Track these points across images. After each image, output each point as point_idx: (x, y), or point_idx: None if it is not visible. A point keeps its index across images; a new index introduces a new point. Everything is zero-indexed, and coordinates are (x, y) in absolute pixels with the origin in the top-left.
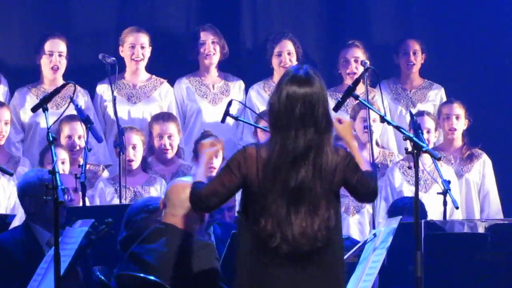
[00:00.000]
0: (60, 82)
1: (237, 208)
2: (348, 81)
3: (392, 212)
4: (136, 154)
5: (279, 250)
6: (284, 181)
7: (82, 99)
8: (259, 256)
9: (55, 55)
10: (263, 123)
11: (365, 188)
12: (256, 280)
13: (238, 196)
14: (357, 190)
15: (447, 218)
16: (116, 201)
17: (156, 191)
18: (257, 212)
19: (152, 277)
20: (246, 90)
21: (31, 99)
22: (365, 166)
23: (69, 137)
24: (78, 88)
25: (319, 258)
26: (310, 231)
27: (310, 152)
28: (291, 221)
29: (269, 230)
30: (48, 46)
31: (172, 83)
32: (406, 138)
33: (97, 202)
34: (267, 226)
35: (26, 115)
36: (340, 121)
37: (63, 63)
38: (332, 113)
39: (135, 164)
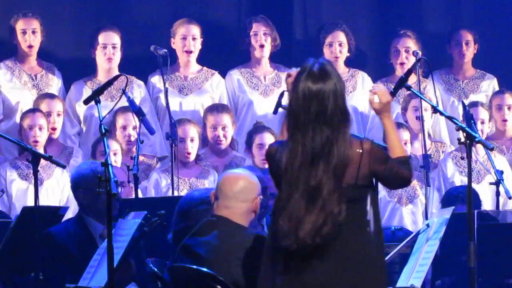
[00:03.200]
0: (115, 74)
1: None
2: (399, 71)
3: (445, 201)
4: (193, 147)
5: (289, 248)
6: (306, 181)
7: (138, 90)
8: (273, 254)
9: (109, 47)
10: None
11: (396, 177)
12: (269, 277)
13: None
14: (386, 180)
15: (500, 208)
16: (171, 193)
17: (210, 183)
18: (278, 211)
19: (205, 269)
20: None
21: (87, 92)
22: (398, 149)
23: (124, 127)
24: (134, 79)
25: (327, 253)
26: (319, 227)
27: (325, 150)
28: (304, 220)
29: (285, 229)
30: (102, 38)
31: (223, 75)
32: (459, 128)
33: (152, 194)
34: (284, 225)
35: (82, 108)
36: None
37: (117, 55)
38: (366, 89)
39: (192, 157)
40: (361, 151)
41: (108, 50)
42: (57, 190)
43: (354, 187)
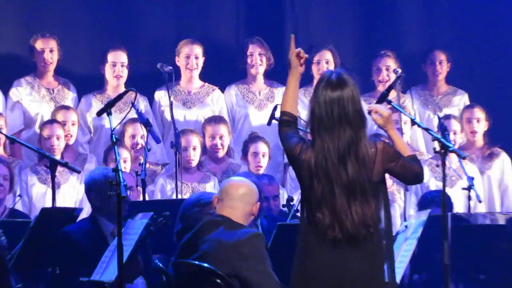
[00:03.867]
0: (122, 89)
1: (284, 198)
2: (380, 88)
3: (421, 204)
4: (195, 154)
5: (335, 238)
6: (338, 177)
7: (142, 104)
8: (317, 242)
9: (117, 65)
10: None
11: (409, 172)
12: (314, 259)
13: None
14: (402, 175)
15: (471, 211)
16: (175, 196)
17: (211, 187)
18: (313, 206)
19: (206, 265)
20: None
21: (96, 104)
22: (407, 151)
23: (133, 136)
24: (138, 94)
25: (365, 241)
26: (365, 218)
27: (351, 148)
28: (349, 212)
29: (327, 222)
30: (111, 57)
31: (222, 90)
32: (434, 139)
33: (158, 197)
34: (325, 218)
35: (92, 119)
36: (379, 114)
37: (125, 72)
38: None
39: (194, 163)
40: (375, 150)
41: (117, 68)
42: (72, 193)
43: (369, 183)
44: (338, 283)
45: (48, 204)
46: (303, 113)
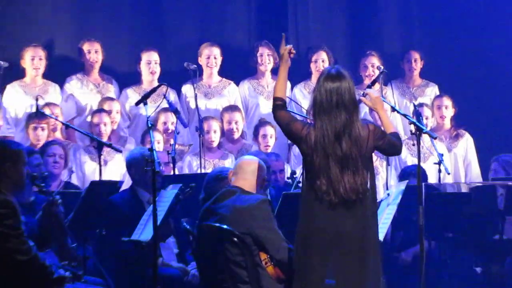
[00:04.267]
0: (155, 83)
1: (289, 172)
2: (367, 81)
3: (401, 176)
4: (216, 137)
5: (331, 201)
6: (333, 152)
7: (172, 95)
8: (316, 204)
9: (152, 63)
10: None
11: (392, 147)
12: (315, 219)
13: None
14: (386, 151)
15: (441, 181)
16: (199, 171)
17: (229, 163)
18: (313, 175)
19: (225, 226)
20: (292, 89)
21: (134, 96)
22: (391, 128)
23: (165, 123)
24: (169, 88)
25: (356, 205)
26: (356, 186)
27: (345, 128)
28: (341, 180)
29: (324, 188)
30: (145, 56)
31: (237, 83)
32: (411, 123)
33: (186, 171)
34: (322, 185)
35: (130, 108)
36: (367, 96)
37: (157, 69)
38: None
39: (215, 144)
40: (367, 131)
41: (152, 65)
42: (118, 168)
43: (361, 157)
44: (335, 238)
45: (98, 178)
46: (304, 103)
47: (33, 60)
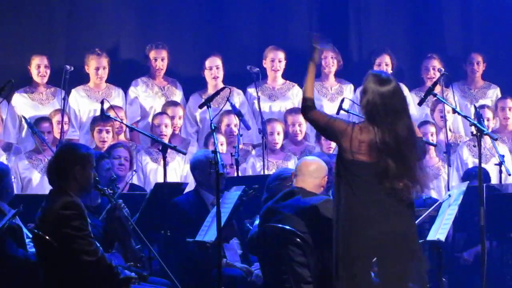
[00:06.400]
0: (220, 86)
1: None
2: (428, 83)
3: (464, 177)
4: (279, 138)
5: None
6: (388, 152)
7: (237, 97)
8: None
9: (213, 68)
10: None
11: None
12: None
13: None
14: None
15: (502, 182)
16: (263, 172)
17: (292, 165)
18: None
19: (287, 227)
20: (354, 91)
21: (199, 101)
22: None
23: (228, 125)
24: (235, 89)
25: (400, 209)
26: (408, 185)
27: (402, 132)
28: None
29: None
30: (208, 63)
31: (301, 86)
32: (472, 124)
33: (249, 173)
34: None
35: (198, 113)
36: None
37: (220, 74)
38: None
39: (278, 145)
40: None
41: (213, 70)
42: (178, 169)
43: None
44: (385, 238)
45: (158, 179)
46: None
47: (97, 70)
